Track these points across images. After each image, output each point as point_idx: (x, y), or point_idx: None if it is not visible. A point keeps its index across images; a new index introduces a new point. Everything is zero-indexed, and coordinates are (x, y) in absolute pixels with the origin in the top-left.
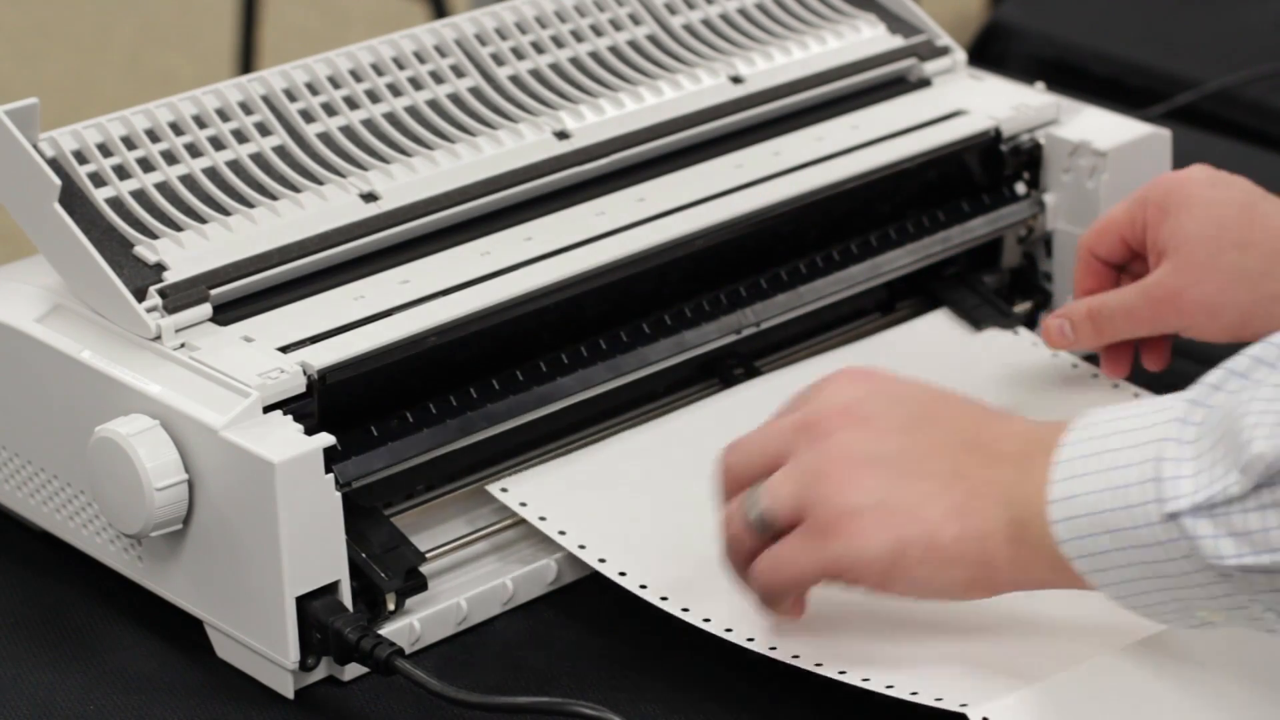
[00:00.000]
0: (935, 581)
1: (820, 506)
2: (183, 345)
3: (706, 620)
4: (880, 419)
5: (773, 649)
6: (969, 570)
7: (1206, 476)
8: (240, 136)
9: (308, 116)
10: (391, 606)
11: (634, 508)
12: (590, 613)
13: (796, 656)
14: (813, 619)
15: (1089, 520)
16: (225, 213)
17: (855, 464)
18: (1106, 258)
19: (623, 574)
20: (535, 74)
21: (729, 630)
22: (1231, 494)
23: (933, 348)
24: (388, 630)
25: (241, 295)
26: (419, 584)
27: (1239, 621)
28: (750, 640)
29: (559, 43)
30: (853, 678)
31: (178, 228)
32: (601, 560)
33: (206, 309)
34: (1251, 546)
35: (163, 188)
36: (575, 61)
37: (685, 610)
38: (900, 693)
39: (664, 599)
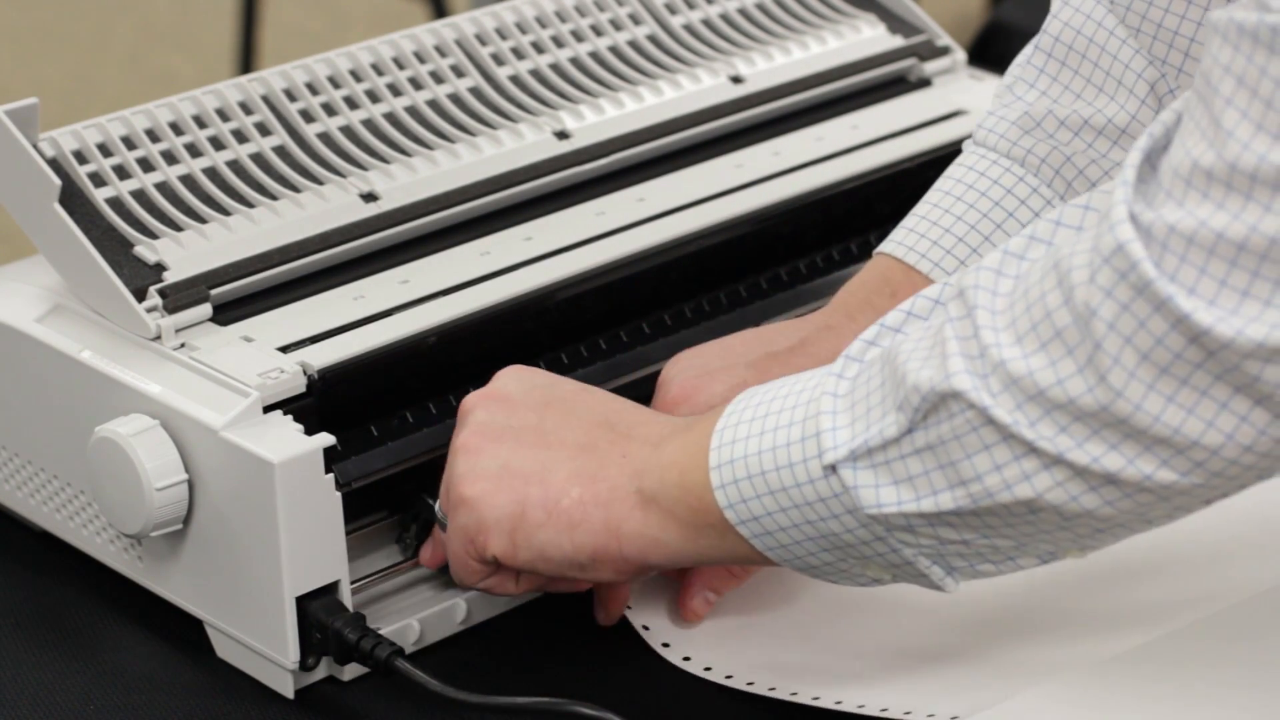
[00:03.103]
0: (560, 546)
1: (454, 481)
2: (183, 345)
3: (708, 670)
4: (517, 398)
5: (772, 690)
6: (593, 536)
7: (864, 422)
8: (240, 136)
9: (308, 116)
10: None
11: None
12: (590, 613)
13: (795, 694)
14: (808, 647)
15: (750, 482)
16: (225, 213)
17: (485, 437)
18: None
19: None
20: (535, 74)
21: (729, 677)
22: (889, 435)
23: None
24: (388, 630)
25: (241, 295)
26: None
27: (906, 578)
28: (750, 684)
29: (559, 43)
30: (849, 704)
31: (178, 228)
32: None
33: (206, 309)
34: (913, 491)
35: (163, 188)
36: (575, 61)
37: (687, 659)
38: (894, 713)
39: (665, 645)
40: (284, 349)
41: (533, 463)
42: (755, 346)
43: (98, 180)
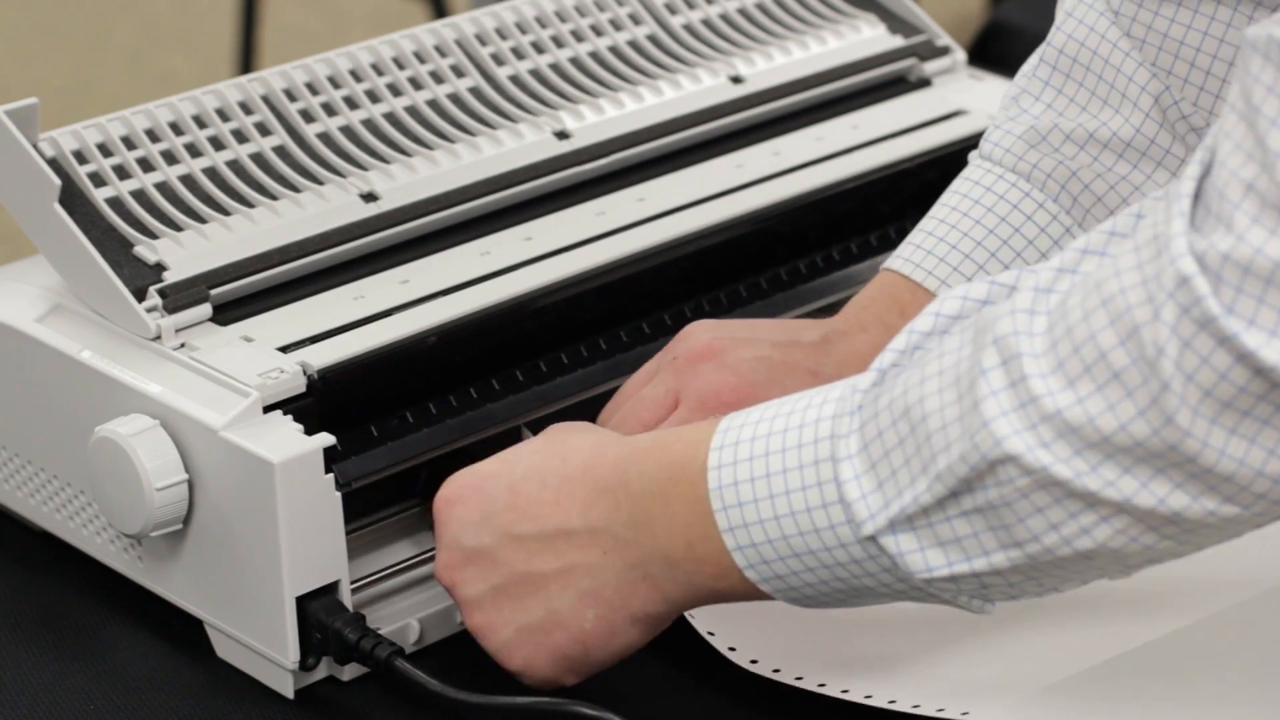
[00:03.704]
0: (613, 652)
1: (495, 656)
2: (183, 345)
3: (712, 634)
4: (476, 550)
5: (776, 671)
6: (630, 633)
7: (892, 486)
8: (240, 136)
9: (308, 116)
10: None
11: None
12: None
13: (800, 678)
14: (815, 638)
15: (770, 546)
16: (225, 213)
17: (485, 611)
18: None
19: None
20: (535, 74)
21: (733, 649)
22: (924, 503)
23: None
24: (388, 630)
25: (241, 295)
26: None
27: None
28: (754, 663)
29: (559, 43)
30: (855, 695)
31: (178, 228)
32: None
33: (206, 309)
34: (963, 553)
35: (163, 188)
36: (575, 61)
37: (691, 615)
38: (903, 706)
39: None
40: (284, 349)
41: (538, 611)
42: (779, 331)
43: (98, 180)
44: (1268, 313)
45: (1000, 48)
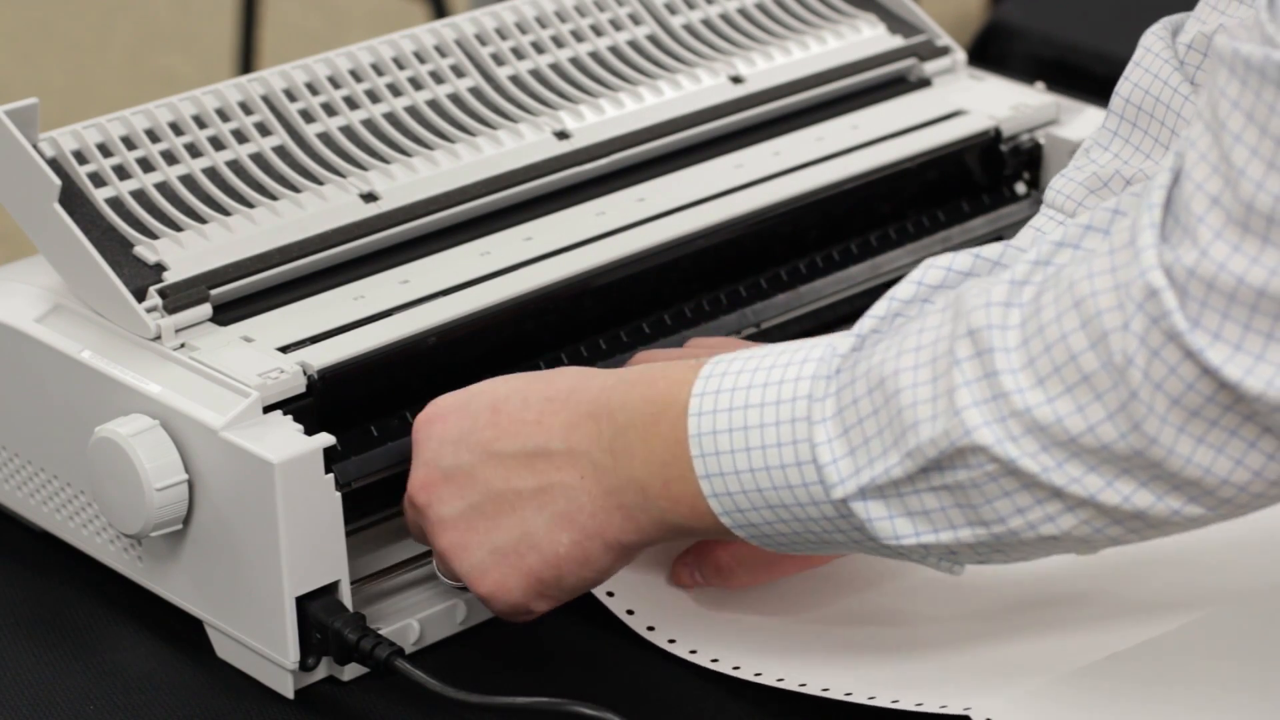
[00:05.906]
0: (585, 578)
1: (465, 579)
2: (183, 345)
3: (715, 661)
4: (453, 468)
5: (780, 680)
6: (603, 559)
7: (864, 454)
8: (240, 136)
9: (308, 116)
10: None
11: None
12: (591, 613)
13: (804, 685)
14: (816, 644)
15: (745, 496)
16: (225, 213)
17: (458, 530)
18: None
19: (630, 612)
20: (535, 74)
21: (737, 668)
22: (894, 476)
23: None
24: (388, 630)
25: (241, 295)
26: None
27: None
28: (758, 675)
29: (559, 43)
30: (859, 697)
31: (178, 228)
32: (610, 595)
33: (206, 309)
34: (930, 525)
35: (163, 188)
36: (575, 61)
37: (694, 652)
38: (906, 705)
39: (671, 641)
40: (284, 349)
41: (513, 531)
42: None
43: (98, 180)
44: (1231, 327)
45: (1000, 48)
